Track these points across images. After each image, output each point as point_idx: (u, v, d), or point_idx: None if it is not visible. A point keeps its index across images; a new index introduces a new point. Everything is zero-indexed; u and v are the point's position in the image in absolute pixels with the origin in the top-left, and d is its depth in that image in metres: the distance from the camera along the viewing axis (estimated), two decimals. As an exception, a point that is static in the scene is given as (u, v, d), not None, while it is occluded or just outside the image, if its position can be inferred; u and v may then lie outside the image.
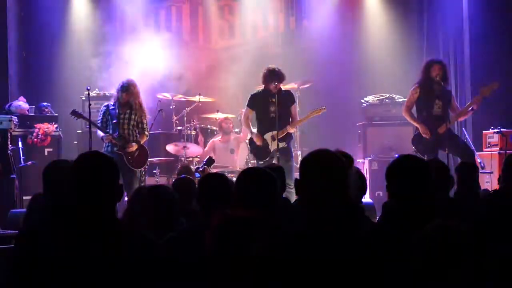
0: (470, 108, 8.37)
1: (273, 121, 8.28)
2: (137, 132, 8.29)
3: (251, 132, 8.52)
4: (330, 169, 2.64)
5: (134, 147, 8.21)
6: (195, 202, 3.98)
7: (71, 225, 2.72)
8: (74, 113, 8.23)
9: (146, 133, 8.39)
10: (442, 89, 8.22)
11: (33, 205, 4.17)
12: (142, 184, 8.43)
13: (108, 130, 8.17)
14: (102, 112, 8.29)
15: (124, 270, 2.63)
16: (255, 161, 8.72)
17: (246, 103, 8.56)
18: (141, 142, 8.33)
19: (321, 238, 2.57)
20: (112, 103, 8.26)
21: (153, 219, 4.04)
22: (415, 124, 8.40)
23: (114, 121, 8.17)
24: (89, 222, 2.70)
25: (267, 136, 8.38)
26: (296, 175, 6.22)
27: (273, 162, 8.28)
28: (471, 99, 9.02)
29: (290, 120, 8.48)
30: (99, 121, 8.25)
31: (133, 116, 8.24)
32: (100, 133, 8.16)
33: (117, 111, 8.19)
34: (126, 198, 6.45)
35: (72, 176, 2.76)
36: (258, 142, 8.38)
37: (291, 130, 8.71)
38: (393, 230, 3.04)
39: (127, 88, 8.19)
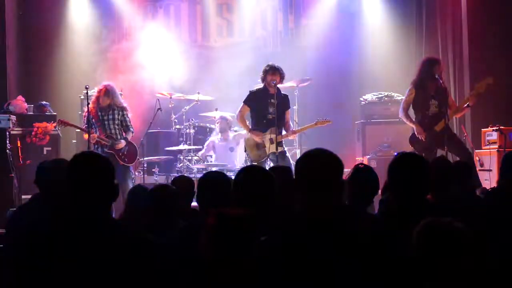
0: (466, 105, 8.38)
1: (270, 122, 8.25)
2: (122, 130, 8.60)
3: (249, 130, 8.45)
4: (324, 169, 2.63)
5: (122, 144, 8.52)
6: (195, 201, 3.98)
7: (69, 225, 2.71)
8: (60, 122, 8.58)
9: (131, 129, 8.72)
10: (437, 88, 8.21)
11: (29, 204, 4.17)
12: (133, 182, 8.60)
13: (95, 132, 8.39)
14: (85, 118, 8.50)
15: (121, 270, 2.63)
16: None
17: (244, 100, 8.51)
18: (128, 139, 8.64)
19: (319, 237, 2.57)
20: (92, 107, 8.38)
21: (153, 219, 4.04)
22: (411, 125, 8.41)
23: (99, 123, 8.43)
24: (85, 222, 2.69)
25: (265, 138, 8.31)
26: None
27: (268, 162, 8.32)
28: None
29: (285, 124, 8.45)
30: (85, 126, 8.46)
31: (116, 116, 8.54)
32: (86, 136, 8.35)
33: (99, 113, 8.44)
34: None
35: (68, 176, 2.75)
36: (258, 139, 8.31)
37: (292, 138, 8.71)
38: (391, 227, 3.03)
39: (109, 93, 8.47)
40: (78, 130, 9.22)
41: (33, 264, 2.64)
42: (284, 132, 8.43)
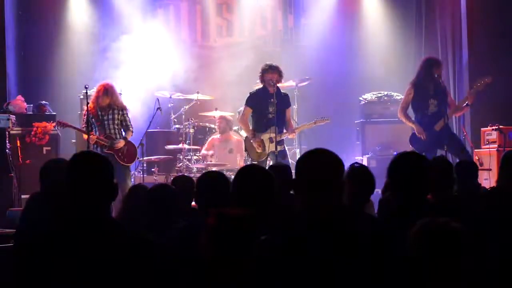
0: (465, 104, 8.41)
1: (270, 122, 8.27)
2: (122, 129, 8.56)
3: (253, 136, 8.44)
4: (324, 169, 2.63)
5: (121, 143, 8.47)
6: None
7: (69, 225, 2.71)
8: (59, 123, 8.58)
9: (131, 129, 8.67)
10: (437, 87, 8.22)
11: (31, 204, 4.17)
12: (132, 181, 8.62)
13: (94, 133, 8.37)
14: (85, 117, 8.45)
15: (121, 270, 2.63)
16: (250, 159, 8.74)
17: (245, 102, 8.54)
18: (128, 138, 8.60)
19: (319, 237, 2.57)
20: (92, 106, 8.36)
21: (152, 218, 4.03)
22: (410, 125, 8.41)
23: (98, 123, 8.40)
24: (86, 222, 2.69)
25: (265, 137, 8.35)
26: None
27: (267, 161, 8.35)
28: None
29: (286, 123, 8.49)
30: (84, 126, 8.42)
31: (116, 116, 8.49)
32: (86, 136, 8.32)
33: (99, 113, 8.39)
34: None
35: (68, 176, 2.75)
36: (259, 149, 8.36)
37: (292, 136, 8.73)
38: (391, 227, 3.03)
39: (108, 92, 8.43)
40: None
41: (33, 264, 2.64)
42: (285, 131, 8.46)
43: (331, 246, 2.55)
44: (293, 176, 2.79)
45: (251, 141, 8.45)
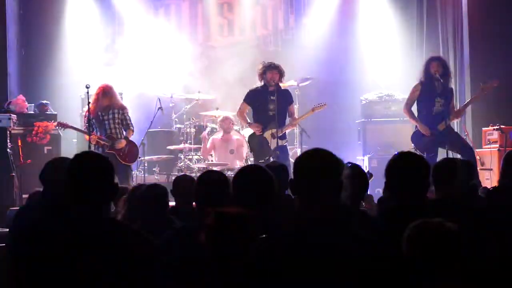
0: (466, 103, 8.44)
1: (271, 119, 8.31)
2: (122, 129, 8.55)
3: (248, 123, 8.54)
4: (324, 168, 2.63)
5: (123, 143, 8.48)
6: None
7: (69, 224, 2.72)
8: (60, 124, 8.58)
9: (131, 128, 8.67)
10: (443, 87, 8.21)
11: (30, 202, 4.17)
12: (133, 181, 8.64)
13: (96, 133, 8.38)
14: (86, 118, 8.46)
15: (121, 270, 2.63)
16: (253, 159, 8.75)
17: (243, 98, 8.58)
18: (129, 137, 8.61)
19: (319, 237, 2.57)
20: (92, 108, 8.37)
21: (151, 218, 4.03)
22: (414, 122, 8.39)
23: (99, 123, 8.42)
24: (86, 222, 2.70)
25: (267, 134, 8.38)
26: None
27: (271, 160, 8.33)
28: (471, 96, 9.02)
29: (288, 119, 8.51)
30: (85, 127, 8.45)
31: (116, 115, 8.50)
32: (88, 137, 8.33)
33: (99, 113, 8.41)
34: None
35: (68, 177, 2.76)
36: (258, 131, 8.35)
37: (293, 127, 8.75)
38: (390, 226, 3.03)
39: (106, 94, 8.44)
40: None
41: (32, 264, 2.65)
42: (287, 123, 8.50)
43: (331, 246, 2.55)
44: (291, 176, 2.78)
45: (249, 126, 8.50)
